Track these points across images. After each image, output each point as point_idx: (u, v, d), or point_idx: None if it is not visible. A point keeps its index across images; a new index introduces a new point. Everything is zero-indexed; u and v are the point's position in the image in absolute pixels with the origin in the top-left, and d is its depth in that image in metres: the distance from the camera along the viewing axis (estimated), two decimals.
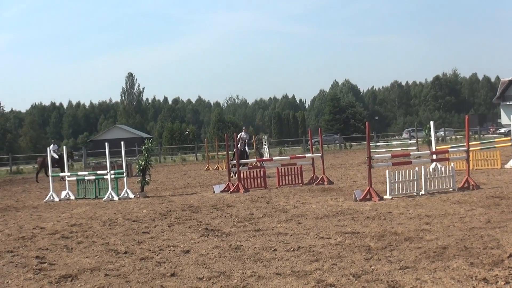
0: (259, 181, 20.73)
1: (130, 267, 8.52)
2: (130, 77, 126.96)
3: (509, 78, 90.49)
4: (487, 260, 7.32)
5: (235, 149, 22.78)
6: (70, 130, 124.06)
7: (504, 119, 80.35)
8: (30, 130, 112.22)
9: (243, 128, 26.93)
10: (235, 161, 20.60)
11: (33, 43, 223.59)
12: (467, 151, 16.85)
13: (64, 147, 25.29)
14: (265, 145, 37.53)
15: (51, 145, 31.03)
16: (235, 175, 21.90)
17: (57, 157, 31.02)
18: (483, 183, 17.07)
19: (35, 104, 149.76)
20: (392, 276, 6.90)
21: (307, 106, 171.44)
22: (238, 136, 22.06)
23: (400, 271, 7.13)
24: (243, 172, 20.72)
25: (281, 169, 21.16)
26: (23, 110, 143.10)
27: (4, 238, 12.63)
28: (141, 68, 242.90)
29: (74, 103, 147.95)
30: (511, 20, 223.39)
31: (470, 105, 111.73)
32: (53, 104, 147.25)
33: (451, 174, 15.95)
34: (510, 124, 24.57)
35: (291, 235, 10.57)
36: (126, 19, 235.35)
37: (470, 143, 17.59)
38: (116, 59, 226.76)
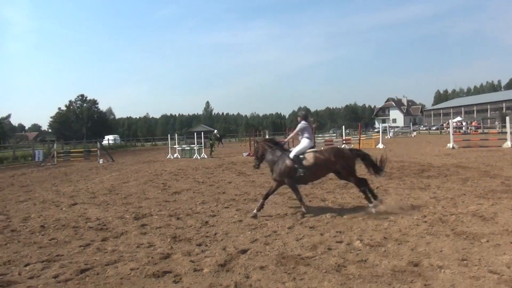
0: None
1: (204, 188, 10.17)
2: (207, 103, 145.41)
3: (380, 106, 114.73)
4: None
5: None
6: (179, 126, 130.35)
7: (376, 125, 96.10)
8: (161, 126, 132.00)
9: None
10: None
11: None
12: (359, 139, 21.29)
13: (215, 131, 29.27)
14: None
15: (215, 131, 35.42)
16: None
17: (218, 136, 35.72)
18: None
19: (165, 113, 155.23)
20: (322, 195, 8.28)
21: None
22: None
23: (326, 193, 8.56)
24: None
25: None
26: (157, 116, 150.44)
27: (147, 174, 14.59)
28: (214, 97, 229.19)
29: (185, 114, 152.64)
30: None
31: (361, 118, 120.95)
32: (171, 114, 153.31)
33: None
34: (379, 127, 31.27)
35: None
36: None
37: (361, 136, 22.33)
38: (199, 96, 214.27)
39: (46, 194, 10.51)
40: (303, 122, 7.09)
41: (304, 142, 6.95)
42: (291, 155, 6.83)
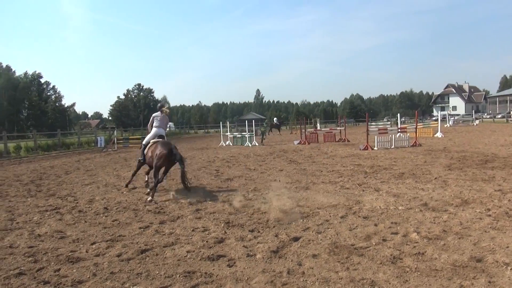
0: (315, 139, 23.25)
1: (256, 176, 10.20)
2: (258, 91, 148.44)
3: (438, 93, 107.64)
4: (424, 180, 8.52)
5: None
6: (231, 114, 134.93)
7: (435, 113, 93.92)
8: (214, 114, 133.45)
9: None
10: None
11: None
12: (416, 128, 19.20)
13: (275, 119, 29.95)
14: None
15: (275, 118, 36.87)
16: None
17: (278, 124, 37.00)
18: (423, 143, 18.31)
19: (216, 102, 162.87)
20: (376, 185, 8.15)
21: None
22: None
23: (380, 183, 8.36)
24: (308, 135, 23.31)
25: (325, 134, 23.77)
26: (209, 104, 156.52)
27: (201, 161, 14.85)
28: (263, 86, 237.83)
29: (236, 102, 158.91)
30: None
31: (418, 106, 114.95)
32: (223, 102, 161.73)
33: (406, 138, 17.88)
34: (437, 115, 29.49)
35: (329, 164, 11.94)
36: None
37: (418, 124, 20.28)
38: (249, 84, 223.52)
39: (108, 178, 11.13)
40: (158, 112, 7.94)
41: (152, 131, 7.92)
42: (143, 142, 8.01)
